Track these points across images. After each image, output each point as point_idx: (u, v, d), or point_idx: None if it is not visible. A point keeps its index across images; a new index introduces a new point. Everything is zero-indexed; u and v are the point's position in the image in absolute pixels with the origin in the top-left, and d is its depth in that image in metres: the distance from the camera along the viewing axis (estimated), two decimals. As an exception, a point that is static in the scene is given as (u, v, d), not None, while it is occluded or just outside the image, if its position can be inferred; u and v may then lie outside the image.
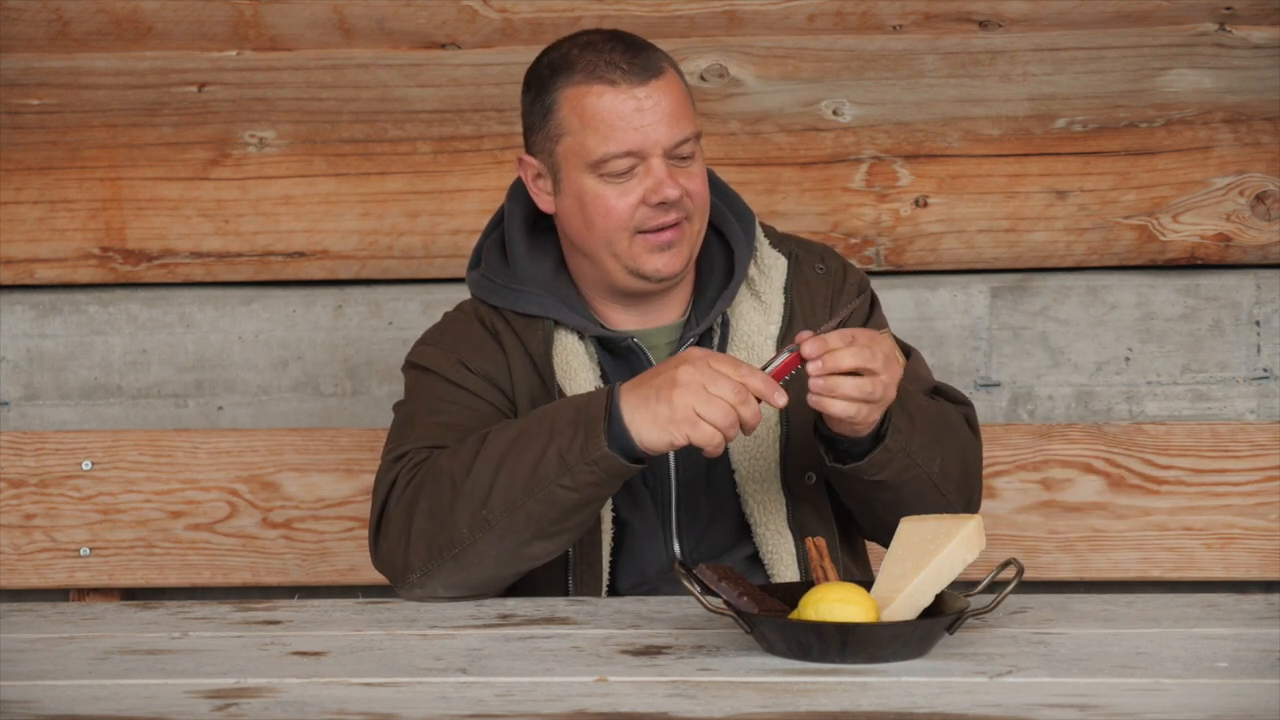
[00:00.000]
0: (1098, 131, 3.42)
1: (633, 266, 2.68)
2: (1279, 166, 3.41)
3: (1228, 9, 3.38)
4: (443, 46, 3.42)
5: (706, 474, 2.72)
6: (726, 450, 2.70)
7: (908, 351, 2.75)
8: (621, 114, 2.64)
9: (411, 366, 2.79)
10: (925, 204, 3.44)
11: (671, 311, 2.76)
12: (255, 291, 3.50)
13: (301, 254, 3.47)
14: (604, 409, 2.50)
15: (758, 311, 2.75)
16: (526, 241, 2.79)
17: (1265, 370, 3.45)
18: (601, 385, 2.71)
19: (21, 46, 3.42)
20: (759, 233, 2.80)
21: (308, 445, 3.37)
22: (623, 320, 2.75)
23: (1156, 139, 3.42)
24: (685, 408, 2.45)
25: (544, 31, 3.39)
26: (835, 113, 3.42)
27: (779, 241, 2.82)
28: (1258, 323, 3.45)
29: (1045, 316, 3.46)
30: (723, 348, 2.72)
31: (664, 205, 2.64)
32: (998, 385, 3.46)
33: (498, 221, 2.85)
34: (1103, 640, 2.35)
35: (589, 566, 2.67)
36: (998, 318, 3.45)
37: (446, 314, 2.85)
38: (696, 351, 2.49)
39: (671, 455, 2.71)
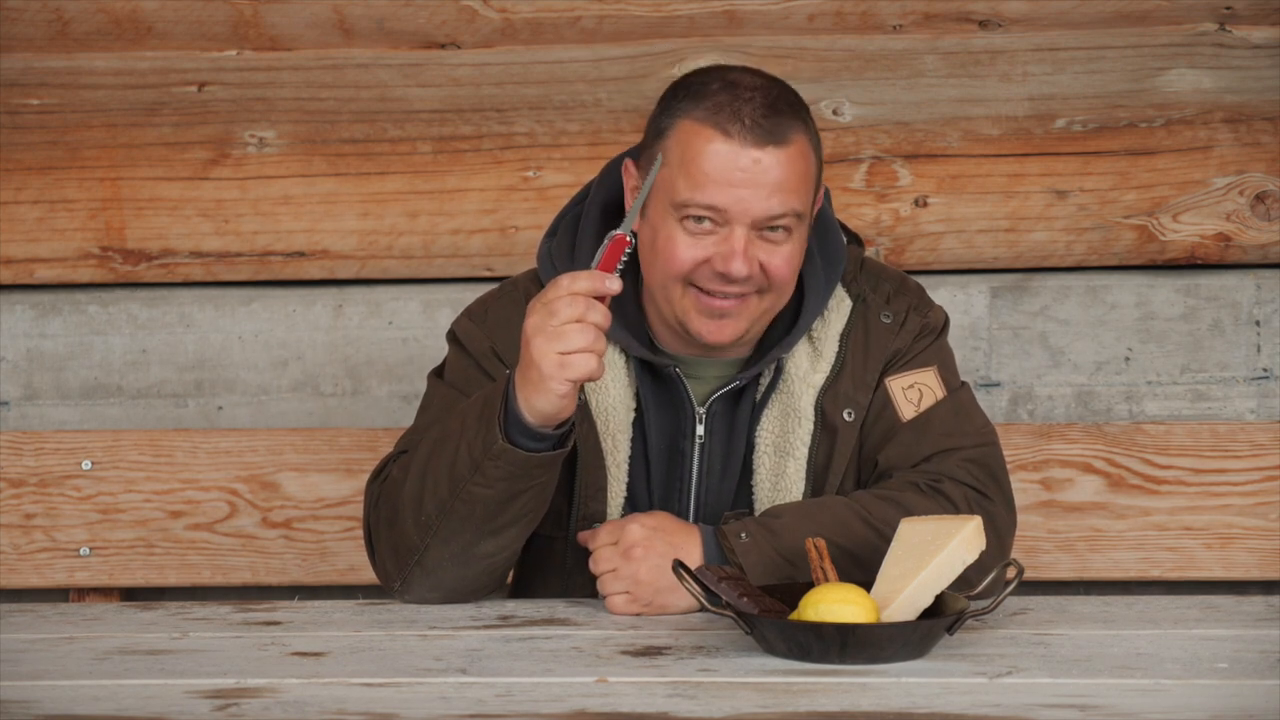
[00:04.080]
0: (1097, 131, 3.42)
1: (682, 320, 2.59)
2: (1279, 166, 3.41)
3: (1228, 9, 3.38)
4: (442, 46, 3.42)
5: (732, 506, 2.70)
6: (751, 488, 2.68)
7: (953, 387, 2.70)
8: (721, 169, 2.51)
9: (452, 338, 2.75)
10: (925, 204, 3.44)
11: (739, 348, 2.67)
12: (255, 291, 3.50)
13: (301, 254, 3.47)
14: (501, 399, 2.45)
15: (808, 357, 2.67)
16: (598, 236, 2.66)
17: (1265, 370, 3.45)
18: (634, 405, 2.68)
19: (21, 46, 3.41)
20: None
21: (307, 445, 3.37)
22: (681, 347, 2.67)
23: (1156, 139, 3.42)
24: (546, 356, 2.38)
25: (544, 31, 3.39)
26: (835, 112, 3.41)
27: (854, 280, 2.72)
28: (1258, 323, 3.45)
29: (1045, 316, 3.46)
30: (770, 393, 2.67)
31: (726, 278, 2.54)
32: (998, 385, 3.46)
33: (583, 195, 2.74)
34: (1103, 641, 2.36)
35: (585, 571, 2.65)
36: (997, 317, 3.45)
37: (504, 284, 2.79)
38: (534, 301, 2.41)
39: (694, 478, 2.69)
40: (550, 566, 2.71)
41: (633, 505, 2.69)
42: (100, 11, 3.40)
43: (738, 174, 2.51)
